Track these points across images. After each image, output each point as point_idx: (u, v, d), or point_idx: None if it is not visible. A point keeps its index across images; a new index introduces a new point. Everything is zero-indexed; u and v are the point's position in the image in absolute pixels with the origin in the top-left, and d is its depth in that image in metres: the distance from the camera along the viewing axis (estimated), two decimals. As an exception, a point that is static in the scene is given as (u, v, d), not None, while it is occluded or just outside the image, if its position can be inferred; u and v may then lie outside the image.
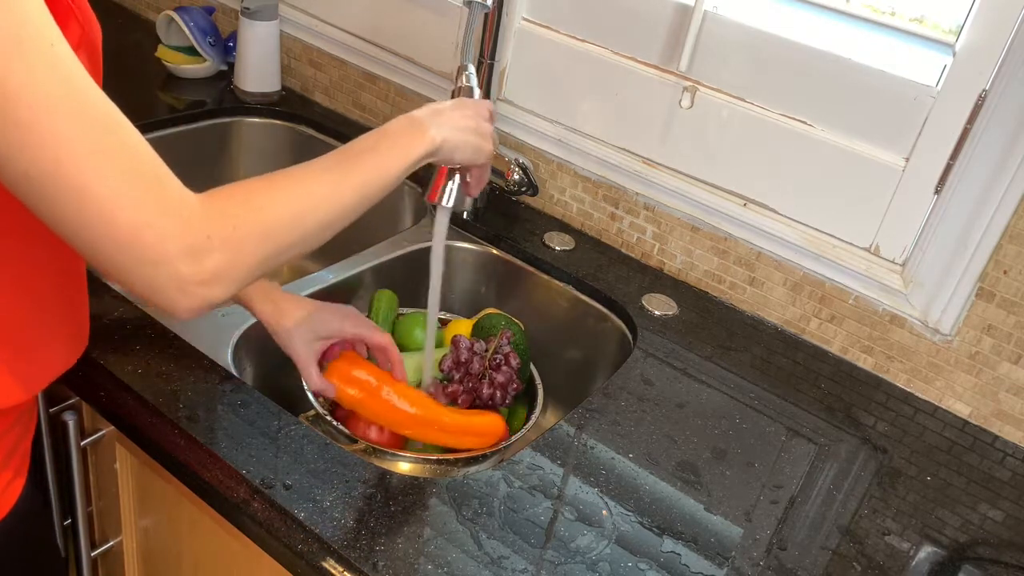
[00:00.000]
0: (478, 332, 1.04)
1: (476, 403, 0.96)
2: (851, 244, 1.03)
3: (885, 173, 0.98)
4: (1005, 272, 0.92)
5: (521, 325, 1.06)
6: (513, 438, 0.93)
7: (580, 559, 0.73)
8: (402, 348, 1.00)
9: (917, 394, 1.02)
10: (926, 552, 0.82)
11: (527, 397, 1.02)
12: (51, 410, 0.88)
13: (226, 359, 0.90)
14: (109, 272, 0.57)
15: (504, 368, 0.95)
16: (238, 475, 0.74)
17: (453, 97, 1.01)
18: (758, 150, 1.05)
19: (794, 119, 1.02)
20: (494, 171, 1.17)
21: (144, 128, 1.24)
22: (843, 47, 0.97)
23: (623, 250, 1.20)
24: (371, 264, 1.13)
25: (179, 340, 0.88)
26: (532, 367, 1.04)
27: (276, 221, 0.62)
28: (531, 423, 0.96)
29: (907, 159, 0.97)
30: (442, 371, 0.96)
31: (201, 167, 1.35)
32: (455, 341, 0.96)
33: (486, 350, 0.96)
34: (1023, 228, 0.90)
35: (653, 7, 1.08)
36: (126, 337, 0.87)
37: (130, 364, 0.83)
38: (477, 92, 1.01)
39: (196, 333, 0.90)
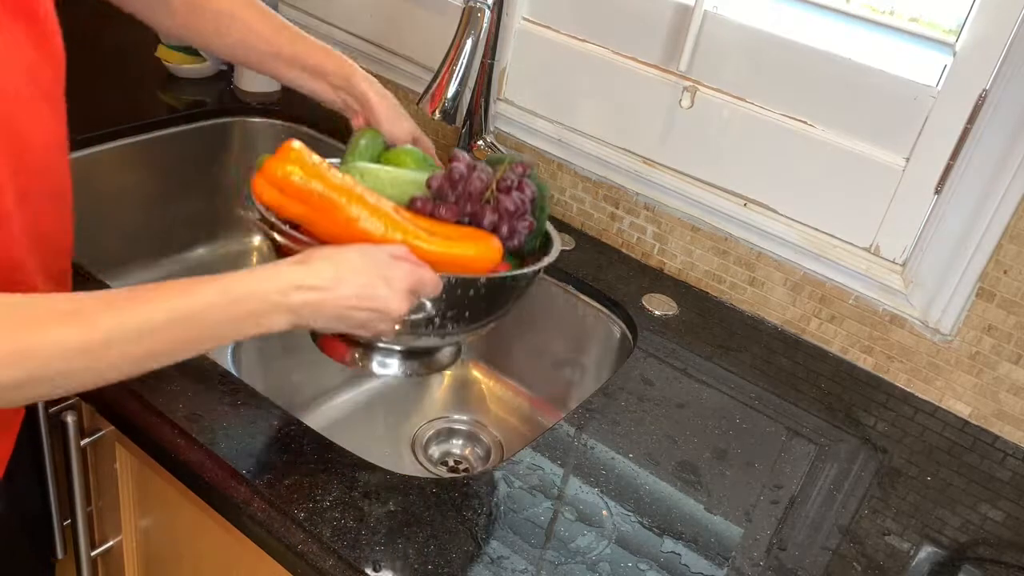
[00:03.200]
0: None
1: None
2: (851, 244, 1.03)
3: (885, 173, 0.98)
4: (1005, 272, 0.92)
5: (541, 180, 0.90)
6: (511, 273, 0.79)
7: (580, 559, 0.73)
8: None
9: (917, 394, 1.02)
10: (926, 552, 0.81)
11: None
12: (51, 410, 0.88)
13: (226, 359, 0.90)
14: None
15: (515, 193, 0.78)
16: (238, 475, 0.74)
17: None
18: (758, 150, 1.05)
19: (794, 119, 1.02)
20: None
21: (144, 128, 1.25)
22: (843, 47, 0.97)
23: (623, 250, 1.20)
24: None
25: (179, 340, 0.88)
26: (549, 225, 0.88)
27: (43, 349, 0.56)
28: (544, 263, 0.82)
29: (907, 159, 0.96)
30: (430, 188, 0.79)
31: (201, 167, 1.35)
32: (453, 155, 0.80)
33: (488, 171, 0.79)
34: (1023, 228, 0.90)
35: (653, 7, 1.08)
36: (126, 337, 0.87)
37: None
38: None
39: (196, 333, 0.90)
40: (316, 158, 0.74)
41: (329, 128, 1.38)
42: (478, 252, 0.76)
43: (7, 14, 0.64)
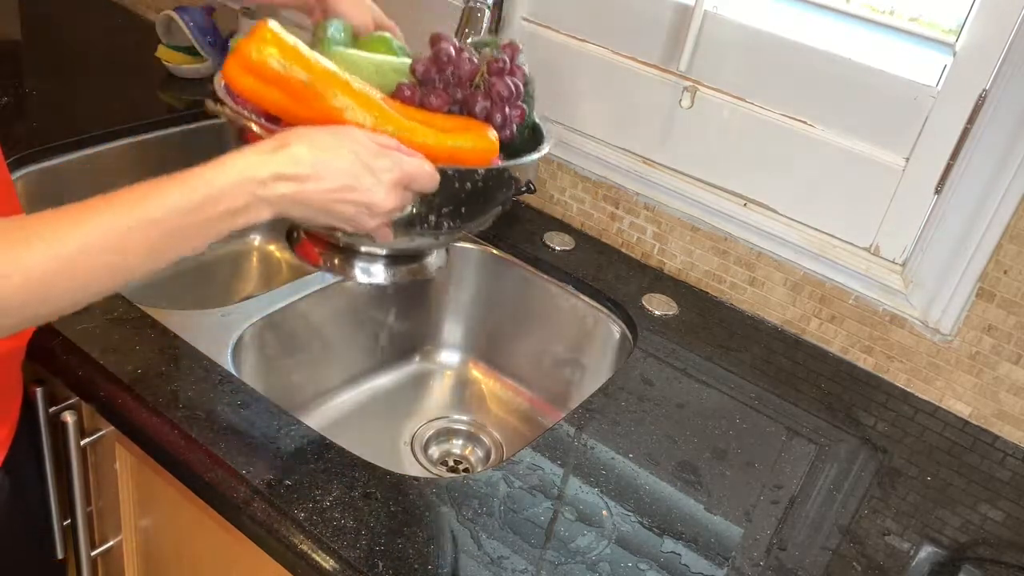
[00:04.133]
0: None
1: None
2: (851, 244, 1.03)
3: (885, 173, 0.98)
4: (1005, 272, 0.92)
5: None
6: (511, 162, 0.74)
7: (580, 559, 0.73)
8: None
9: (917, 394, 1.02)
10: (926, 552, 0.81)
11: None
12: (51, 410, 0.88)
13: (226, 359, 0.90)
14: None
15: (507, 77, 0.72)
16: (238, 475, 0.74)
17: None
18: (758, 150, 1.05)
19: (794, 119, 1.02)
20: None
21: (144, 128, 1.25)
22: (843, 47, 0.97)
23: (623, 250, 1.20)
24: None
25: (179, 340, 0.88)
26: (537, 116, 0.83)
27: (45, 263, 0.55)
28: (539, 155, 0.77)
29: (907, 159, 0.96)
30: (415, 74, 0.74)
31: (201, 167, 1.35)
32: (436, 37, 0.74)
33: (475, 54, 0.74)
34: (1023, 228, 0.90)
35: (653, 7, 1.08)
36: (126, 337, 0.87)
37: (130, 364, 0.83)
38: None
39: (196, 333, 0.90)
40: (295, 40, 0.67)
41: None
42: (475, 143, 0.70)
43: None
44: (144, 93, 1.39)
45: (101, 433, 0.89)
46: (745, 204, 1.08)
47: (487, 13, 1.04)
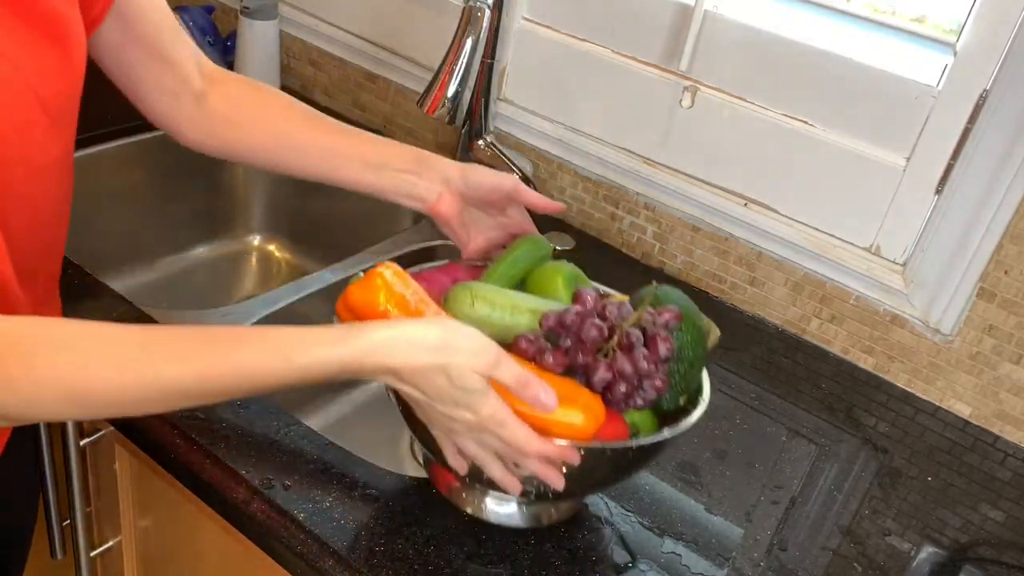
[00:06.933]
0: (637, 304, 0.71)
1: None
2: (852, 244, 1.03)
3: (886, 173, 0.98)
4: (1006, 272, 0.92)
5: (703, 323, 0.75)
6: (611, 444, 0.66)
7: (580, 559, 0.73)
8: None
9: (918, 394, 1.02)
10: (927, 553, 0.81)
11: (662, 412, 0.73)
12: (50, 410, 0.88)
13: (226, 359, 0.90)
14: None
15: (639, 351, 0.65)
16: (238, 475, 0.74)
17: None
18: (759, 150, 1.05)
19: (794, 119, 1.02)
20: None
21: (144, 128, 1.25)
22: (843, 47, 0.97)
23: (623, 250, 1.20)
24: (371, 264, 1.12)
25: (179, 340, 0.87)
26: (705, 373, 0.75)
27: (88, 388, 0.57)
28: (663, 436, 0.68)
29: (908, 159, 0.96)
30: (541, 327, 0.68)
31: (201, 167, 1.35)
32: (578, 293, 0.68)
33: (620, 316, 0.67)
34: (1024, 228, 0.90)
35: (653, 7, 1.08)
36: (126, 337, 0.87)
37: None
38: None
39: (196, 333, 0.90)
40: (404, 287, 0.66)
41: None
42: (572, 419, 0.63)
43: (6, 11, 0.61)
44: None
45: (100, 433, 0.89)
46: (745, 204, 1.08)
47: (487, 13, 1.04)
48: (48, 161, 0.69)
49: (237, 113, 0.84)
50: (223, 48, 1.45)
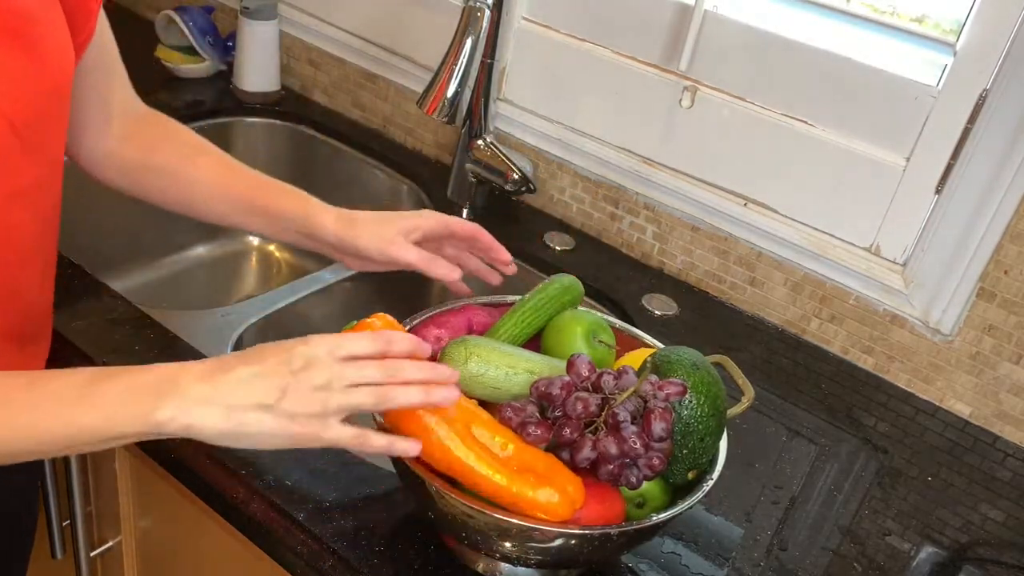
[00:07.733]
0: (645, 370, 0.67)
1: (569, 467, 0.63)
2: (852, 244, 1.03)
3: (886, 173, 0.98)
4: (1006, 272, 0.92)
5: (722, 392, 0.67)
6: (607, 529, 0.62)
7: (580, 559, 0.73)
8: (547, 352, 0.74)
9: (918, 394, 1.02)
10: (927, 552, 0.81)
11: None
12: (50, 410, 0.88)
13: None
14: None
15: (627, 431, 0.60)
16: (238, 475, 0.74)
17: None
18: (758, 150, 1.05)
19: (794, 119, 1.02)
20: (493, 171, 1.16)
21: (144, 128, 1.25)
22: (843, 47, 0.97)
23: (623, 250, 1.20)
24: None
25: (179, 340, 0.87)
26: (723, 443, 0.69)
27: None
28: (668, 515, 0.63)
29: (908, 159, 0.96)
30: (531, 395, 0.64)
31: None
32: (572, 362, 0.64)
33: (617, 387, 0.62)
34: (1023, 228, 0.90)
35: (653, 7, 1.08)
36: (126, 337, 0.87)
37: (130, 364, 0.83)
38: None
39: (196, 333, 0.90)
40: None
41: (329, 130, 1.38)
42: (544, 501, 0.60)
43: None
44: (143, 93, 1.38)
45: (101, 433, 0.89)
46: (745, 204, 1.08)
47: (487, 13, 1.04)
48: (17, 188, 0.62)
49: (151, 158, 0.84)
50: (223, 48, 1.45)
